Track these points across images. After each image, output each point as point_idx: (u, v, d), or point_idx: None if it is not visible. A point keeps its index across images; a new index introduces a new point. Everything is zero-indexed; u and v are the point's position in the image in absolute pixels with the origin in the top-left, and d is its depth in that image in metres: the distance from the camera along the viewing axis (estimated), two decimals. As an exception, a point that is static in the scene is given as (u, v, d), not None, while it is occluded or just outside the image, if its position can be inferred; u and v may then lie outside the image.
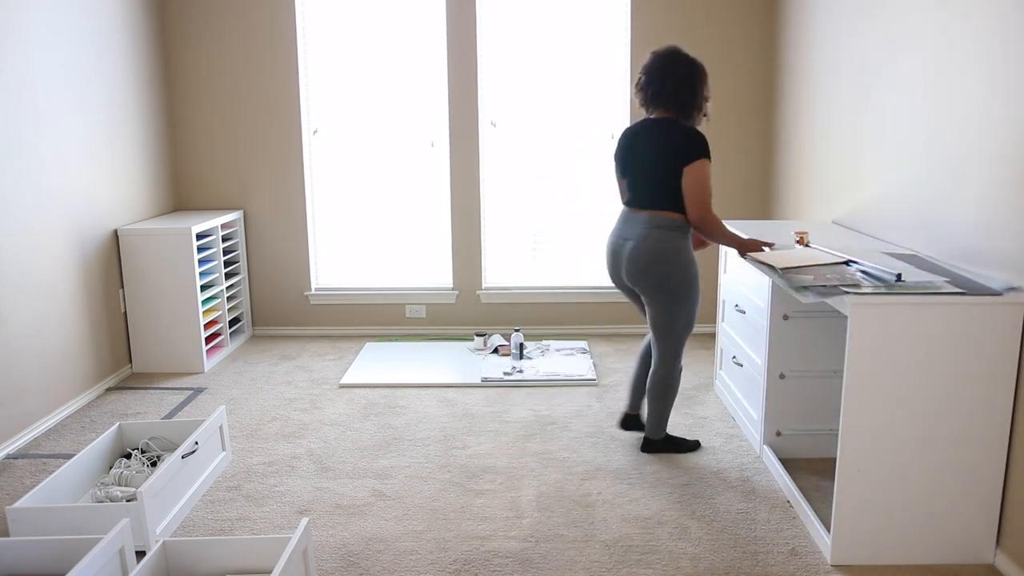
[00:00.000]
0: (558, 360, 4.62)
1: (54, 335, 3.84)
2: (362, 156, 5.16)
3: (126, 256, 4.42)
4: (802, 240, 3.19)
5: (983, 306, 2.41)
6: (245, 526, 2.86)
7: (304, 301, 5.28)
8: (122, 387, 4.31)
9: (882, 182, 3.41)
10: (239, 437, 3.64)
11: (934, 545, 2.57)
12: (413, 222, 5.23)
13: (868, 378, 2.46)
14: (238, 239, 5.11)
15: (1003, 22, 2.55)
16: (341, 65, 5.04)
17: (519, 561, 2.63)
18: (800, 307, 3.23)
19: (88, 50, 4.15)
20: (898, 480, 2.53)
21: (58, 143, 3.90)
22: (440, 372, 4.47)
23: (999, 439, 2.48)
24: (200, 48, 4.97)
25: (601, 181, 5.14)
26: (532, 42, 4.99)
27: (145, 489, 2.65)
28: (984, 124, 2.65)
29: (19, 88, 3.61)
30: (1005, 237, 2.54)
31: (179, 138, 5.10)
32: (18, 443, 3.56)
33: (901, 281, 2.52)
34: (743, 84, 4.93)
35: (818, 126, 4.17)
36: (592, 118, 5.06)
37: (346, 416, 3.88)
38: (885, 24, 3.38)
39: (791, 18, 4.55)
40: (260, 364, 4.70)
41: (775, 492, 3.07)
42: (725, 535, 2.77)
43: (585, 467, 3.30)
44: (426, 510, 2.97)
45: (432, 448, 3.50)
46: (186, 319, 4.48)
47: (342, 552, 2.69)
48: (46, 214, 3.80)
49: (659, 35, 4.87)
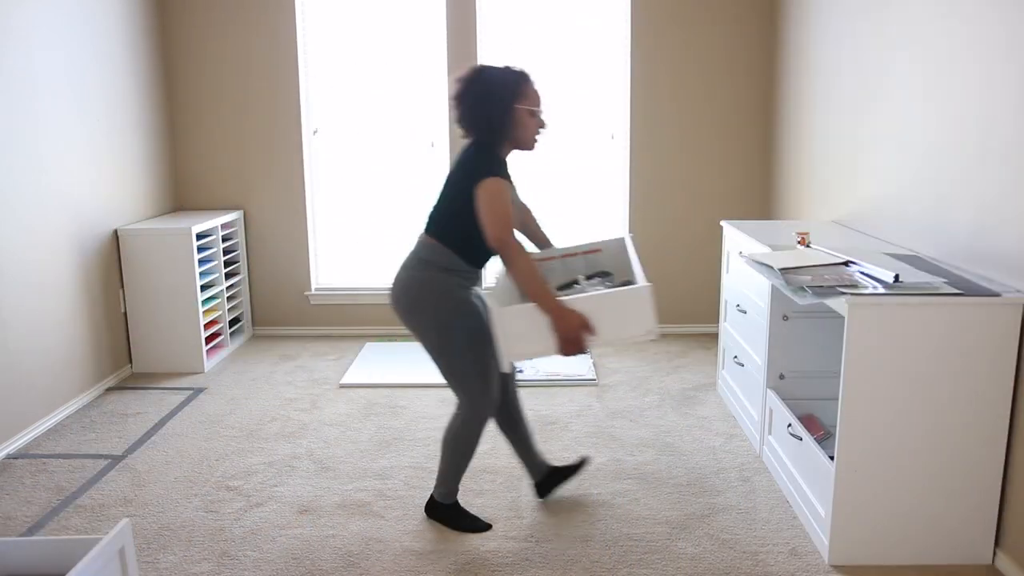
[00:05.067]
0: (558, 360, 4.62)
1: (54, 335, 3.84)
2: (362, 156, 5.17)
3: (126, 256, 4.42)
4: (803, 240, 3.19)
5: (981, 307, 2.41)
6: (244, 526, 2.86)
7: (304, 301, 5.28)
8: (122, 387, 4.32)
9: (882, 182, 3.41)
10: (239, 437, 3.64)
11: (933, 545, 2.57)
12: (413, 222, 5.24)
13: (866, 379, 2.47)
14: (238, 239, 5.11)
15: (1003, 22, 2.55)
16: (341, 65, 5.04)
17: (519, 561, 2.63)
18: (800, 308, 3.23)
19: (88, 50, 4.15)
20: (897, 480, 2.53)
21: (58, 143, 3.90)
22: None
23: (997, 439, 2.48)
24: (200, 48, 4.97)
25: (601, 181, 5.14)
26: (532, 42, 4.99)
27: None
28: (984, 124, 2.65)
29: (19, 88, 3.61)
30: (1005, 238, 2.54)
31: (179, 138, 5.10)
32: (18, 443, 3.56)
33: (899, 282, 2.52)
34: (743, 84, 4.93)
35: (818, 126, 4.17)
36: (592, 118, 5.07)
37: (346, 416, 3.88)
38: (885, 24, 3.38)
39: (791, 18, 4.56)
40: (260, 364, 4.70)
41: (775, 492, 3.07)
42: (725, 535, 2.77)
43: (585, 467, 3.30)
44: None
45: (432, 448, 3.50)
46: (186, 319, 4.48)
47: (342, 552, 2.70)
48: (46, 214, 3.80)
49: (659, 35, 4.87)
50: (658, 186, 5.06)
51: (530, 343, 2.44)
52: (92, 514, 2.97)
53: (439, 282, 2.62)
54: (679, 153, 5.03)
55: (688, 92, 4.95)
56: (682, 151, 5.02)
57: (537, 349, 2.45)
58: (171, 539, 2.79)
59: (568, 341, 2.40)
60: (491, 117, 2.60)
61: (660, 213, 5.08)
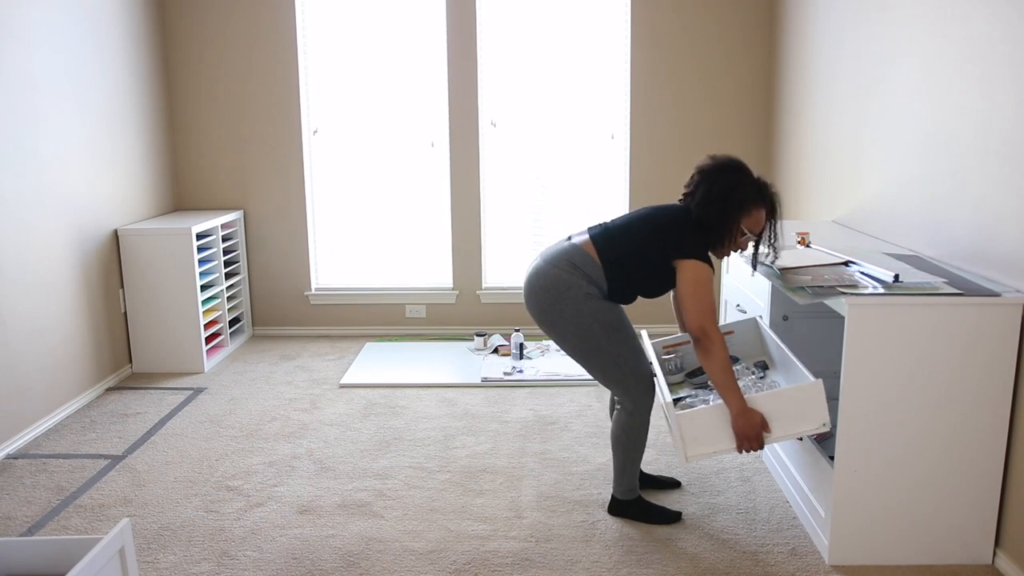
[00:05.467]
0: (558, 360, 4.62)
1: (54, 335, 3.84)
2: (362, 156, 5.16)
3: (126, 256, 4.42)
4: (803, 241, 3.19)
5: (981, 307, 2.41)
6: (244, 526, 2.86)
7: (304, 301, 5.28)
8: (122, 387, 4.32)
9: (882, 182, 3.41)
10: (239, 437, 3.64)
11: (933, 545, 2.57)
12: (413, 222, 5.24)
13: (865, 378, 2.46)
14: (238, 239, 5.11)
15: (1003, 22, 2.55)
16: (341, 65, 5.04)
17: (519, 561, 2.63)
18: (800, 308, 3.23)
19: (88, 50, 4.15)
20: (896, 480, 2.53)
21: (58, 143, 3.90)
22: (440, 372, 4.47)
23: (997, 439, 2.48)
24: (200, 48, 4.97)
25: (601, 180, 5.14)
26: (532, 42, 4.99)
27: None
28: (984, 124, 2.65)
29: (19, 88, 3.61)
30: (1005, 237, 2.54)
31: (179, 138, 5.10)
32: (18, 443, 3.56)
33: (899, 282, 2.52)
34: (743, 84, 4.93)
35: (818, 126, 4.17)
36: (592, 118, 5.07)
37: (346, 416, 3.88)
38: (885, 24, 3.38)
39: (791, 18, 4.56)
40: (260, 364, 4.70)
41: (775, 492, 3.07)
42: (725, 535, 2.77)
43: (585, 467, 3.30)
44: (426, 510, 2.97)
45: (432, 448, 3.50)
46: (186, 319, 4.48)
47: (342, 552, 2.70)
48: (46, 214, 3.80)
49: (659, 35, 4.87)
50: (658, 186, 5.06)
51: (709, 443, 2.53)
52: (92, 514, 2.97)
53: (583, 288, 2.66)
54: (679, 153, 5.03)
55: (688, 92, 4.95)
56: (682, 151, 5.02)
57: (716, 447, 2.53)
58: (171, 539, 2.79)
59: (748, 439, 2.50)
60: (714, 213, 2.62)
61: (660, 213, 5.08)
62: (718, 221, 2.61)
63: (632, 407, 2.75)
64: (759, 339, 3.14)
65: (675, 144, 5.01)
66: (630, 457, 2.82)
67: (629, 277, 2.69)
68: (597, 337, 2.67)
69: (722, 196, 2.59)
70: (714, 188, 2.61)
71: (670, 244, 2.63)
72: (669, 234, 2.64)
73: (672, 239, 2.63)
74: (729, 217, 2.60)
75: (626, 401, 2.75)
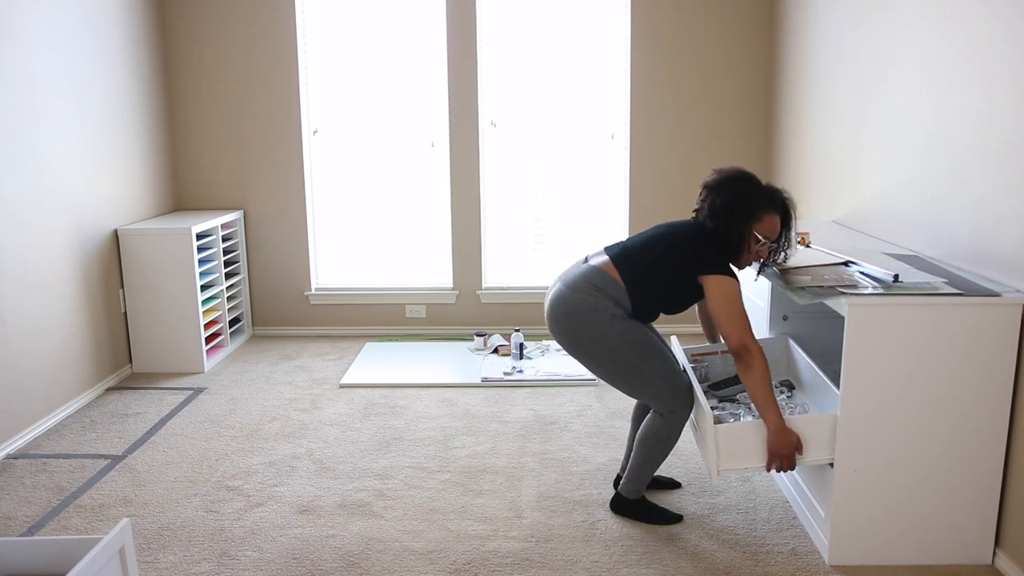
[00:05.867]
0: (558, 360, 4.62)
1: (54, 335, 3.84)
2: (362, 156, 5.16)
3: (126, 256, 4.42)
4: (803, 241, 3.19)
5: (981, 307, 2.41)
6: (244, 526, 2.86)
7: (304, 301, 5.28)
8: (122, 387, 4.32)
9: (882, 182, 3.41)
10: (239, 437, 3.64)
11: (933, 545, 2.57)
12: (413, 222, 5.24)
13: (865, 378, 2.46)
14: (238, 239, 5.11)
15: (1003, 22, 2.55)
16: (341, 65, 5.04)
17: (519, 561, 2.63)
18: (800, 308, 3.23)
19: (88, 50, 4.15)
20: (896, 480, 2.53)
21: (58, 143, 3.90)
22: (440, 372, 4.47)
23: (997, 439, 2.48)
24: (200, 48, 4.97)
25: (601, 181, 5.14)
26: (532, 42, 4.99)
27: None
28: (984, 124, 2.65)
29: (19, 88, 3.61)
30: (1005, 237, 2.54)
31: (179, 138, 5.10)
32: (18, 443, 3.56)
33: (899, 282, 2.52)
34: (743, 84, 4.93)
35: (818, 126, 4.17)
36: (592, 118, 5.07)
37: (346, 416, 3.88)
38: (885, 24, 3.38)
39: (791, 18, 4.56)
40: (260, 364, 4.70)
41: (775, 492, 3.07)
42: (725, 535, 2.77)
43: (585, 467, 3.30)
44: (426, 510, 2.97)
45: (432, 448, 3.50)
46: (186, 319, 4.48)
47: (342, 552, 2.70)
48: (46, 214, 3.80)
49: (659, 35, 4.87)
50: (658, 186, 5.06)
51: (742, 458, 2.53)
52: (92, 514, 2.97)
53: (609, 310, 2.65)
54: (679, 153, 5.03)
55: (688, 92, 4.95)
56: (682, 151, 5.02)
57: (748, 464, 2.53)
58: (171, 539, 2.79)
59: (781, 457, 2.50)
60: (727, 226, 2.63)
61: (660, 213, 5.08)
62: (730, 232, 2.62)
63: (671, 416, 2.74)
64: (787, 358, 3.13)
65: (675, 144, 5.01)
66: (651, 460, 2.81)
67: (652, 295, 2.69)
68: (630, 357, 2.66)
69: (728, 208, 2.61)
70: (720, 200, 2.63)
71: (691, 260, 2.64)
72: (688, 250, 2.66)
73: (692, 255, 2.64)
74: (740, 227, 2.61)
75: (664, 411, 2.75)
